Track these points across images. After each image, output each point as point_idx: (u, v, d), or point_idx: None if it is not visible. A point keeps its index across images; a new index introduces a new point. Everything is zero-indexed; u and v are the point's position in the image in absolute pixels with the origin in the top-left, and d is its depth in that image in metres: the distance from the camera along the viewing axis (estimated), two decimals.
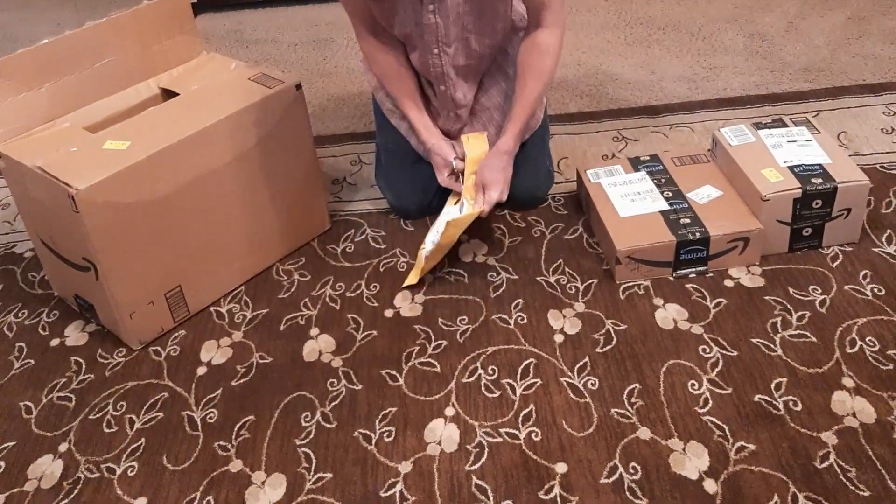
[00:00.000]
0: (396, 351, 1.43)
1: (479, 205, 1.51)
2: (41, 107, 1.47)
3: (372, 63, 1.61)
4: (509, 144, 1.53)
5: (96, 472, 1.28)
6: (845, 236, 1.53)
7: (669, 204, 1.55)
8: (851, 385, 1.28)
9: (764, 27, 2.38)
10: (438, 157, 1.58)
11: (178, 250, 1.48)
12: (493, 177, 1.52)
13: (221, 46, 2.63)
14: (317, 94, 2.27)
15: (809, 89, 2.05)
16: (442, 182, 1.59)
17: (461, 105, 1.61)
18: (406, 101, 1.60)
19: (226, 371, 1.43)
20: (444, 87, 1.57)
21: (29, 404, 1.41)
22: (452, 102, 1.60)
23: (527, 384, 1.33)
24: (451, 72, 1.54)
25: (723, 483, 1.16)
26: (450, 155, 1.57)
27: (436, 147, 1.58)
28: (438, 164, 1.59)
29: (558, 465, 1.21)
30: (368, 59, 1.61)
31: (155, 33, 1.60)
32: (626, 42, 2.39)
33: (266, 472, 1.25)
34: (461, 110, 1.62)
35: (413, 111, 1.60)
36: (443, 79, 1.55)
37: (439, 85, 1.57)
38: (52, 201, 1.37)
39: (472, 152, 1.58)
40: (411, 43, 1.54)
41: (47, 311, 1.61)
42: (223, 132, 1.46)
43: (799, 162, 1.53)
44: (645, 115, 2.02)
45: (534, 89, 1.52)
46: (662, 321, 1.42)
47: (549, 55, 1.51)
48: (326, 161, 1.97)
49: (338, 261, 1.65)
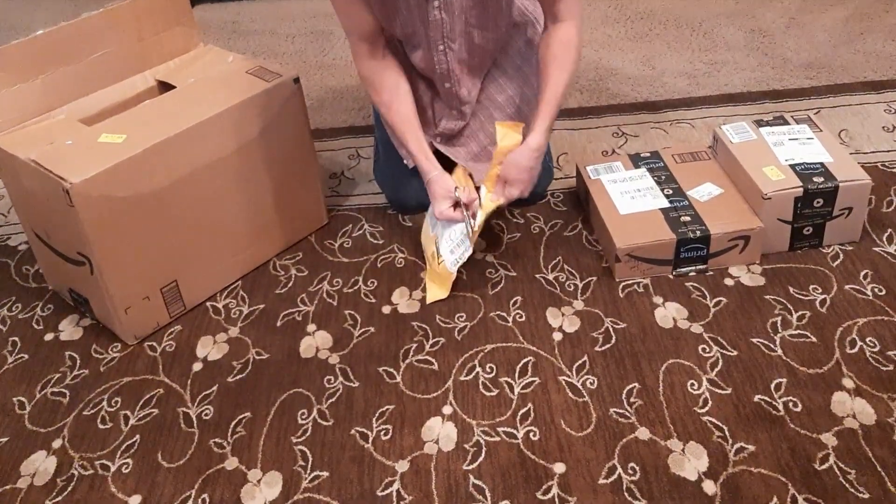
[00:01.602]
0: (394, 348, 1.42)
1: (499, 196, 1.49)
2: (36, 98, 1.45)
3: (370, 89, 1.56)
4: (539, 141, 1.48)
5: (90, 469, 1.27)
6: (846, 235, 1.53)
7: (670, 201, 1.54)
8: (851, 386, 1.27)
9: (765, 23, 2.37)
10: (439, 188, 1.50)
11: (174, 245, 1.46)
12: (518, 175, 1.47)
13: (219, 37, 2.61)
14: (315, 87, 2.26)
15: (810, 86, 2.04)
16: (439, 215, 1.50)
17: (465, 102, 1.59)
18: (402, 130, 1.54)
19: (222, 367, 1.42)
20: (449, 84, 1.55)
21: (22, 399, 1.40)
22: (457, 99, 1.58)
23: (525, 383, 1.33)
24: (455, 68, 1.53)
25: (722, 484, 1.15)
26: (452, 186, 1.50)
27: (438, 178, 1.51)
28: (438, 195, 1.50)
29: (556, 465, 1.20)
30: (367, 84, 1.56)
31: (152, 24, 1.58)
32: (627, 37, 2.37)
33: (262, 470, 1.24)
34: (465, 107, 1.60)
35: (410, 142, 1.53)
36: (448, 76, 1.54)
37: (444, 83, 1.55)
38: (47, 195, 1.35)
39: (504, 142, 1.50)
40: (414, 42, 1.52)
41: (41, 304, 1.60)
42: (220, 126, 1.45)
43: (800, 160, 1.52)
44: (645, 110, 2.01)
45: (559, 82, 1.49)
46: (662, 320, 1.41)
47: (572, 47, 1.49)
48: (324, 155, 1.95)
49: (335, 256, 1.64)
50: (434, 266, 1.52)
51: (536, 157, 1.48)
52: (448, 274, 1.49)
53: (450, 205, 1.50)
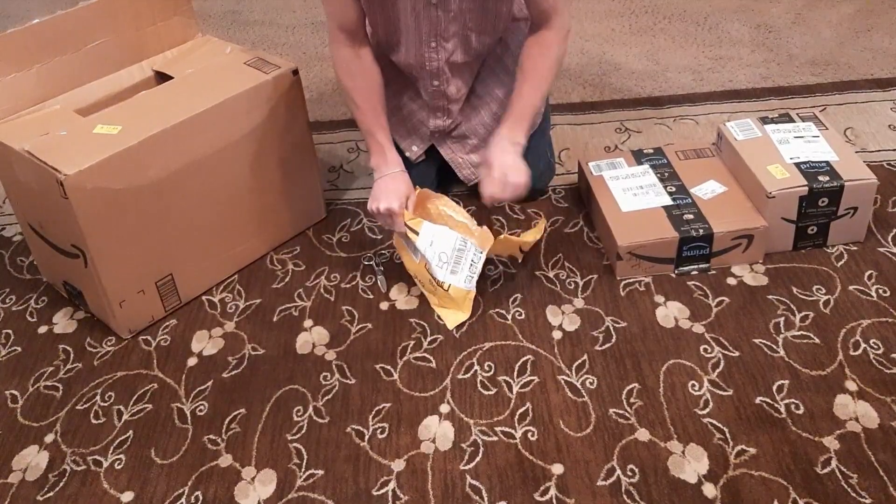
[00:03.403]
0: (391, 345, 1.40)
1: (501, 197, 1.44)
2: (31, 88, 1.43)
3: (344, 74, 1.51)
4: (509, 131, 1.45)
5: (82, 464, 1.25)
6: (851, 235, 1.51)
7: (673, 199, 1.52)
8: (854, 389, 1.25)
9: (771, 18, 2.35)
10: (395, 185, 1.45)
11: (170, 238, 1.44)
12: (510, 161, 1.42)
13: (218, 28, 2.58)
14: (314, 79, 2.24)
15: (816, 83, 2.02)
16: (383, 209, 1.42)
17: (453, 100, 1.57)
18: (374, 120, 1.50)
19: (217, 362, 1.40)
20: (438, 81, 1.53)
21: (15, 393, 1.38)
22: (444, 98, 1.56)
23: (523, 382, 1.31)
24: (446, 68, 1.51)
25: (722, 487, 1.13)
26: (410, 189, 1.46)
27: (397, 175, 1.46)
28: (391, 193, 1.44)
29: (554, 465, 1.18)
30: (341, 70, 1.51)
31: (149, 14, 1.56)
32: (631, 31, 2.35)
33: (256, 468, 1.22)
34: (452, 105, 1.58)
35: (380, 132, 1.50)
36: (437, 74, 1.52)
37: (433, 80, 1.53)
38: (41, 186, 1.33)
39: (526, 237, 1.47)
40: (399, 38, 1.49)
41: (35, 297, 1.58)
42: (217, 118, 1.43)
43: (806, 159, 1.50)
44: (649, 106, 1.99)
45: (533, 98, 1.46)
46: (663, 319, 1.40)
47: (551, 56, 1.46)
48: (323, 148, 1.93)
49: (333, 251, 1.62)
50: (440, 293, 1.42)
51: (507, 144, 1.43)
52: (464, 293, 1.41)
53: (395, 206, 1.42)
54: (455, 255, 1.42)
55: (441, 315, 1.44)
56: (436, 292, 1.44)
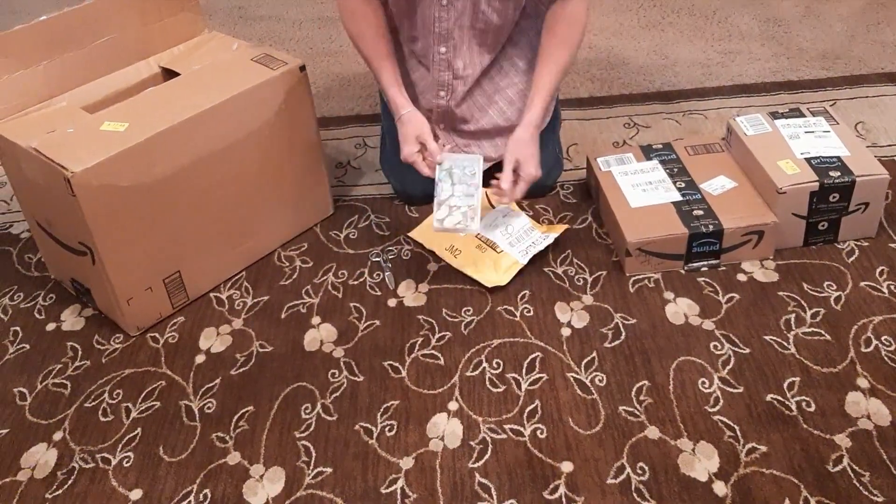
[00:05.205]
0: (399, 342, 1.39)
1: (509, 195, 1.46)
2: (38, 85, 1.43)
3: (349, 19, 1.53)
4: (537, 117, 1.48)
5: (91, 462, 1.25)
6: (862, 231, 1.49)
7: (682, 195, 1.51)
8: (866, 386, 1.24)
9: (780, 12, 2.33)
10: (412, 128, 1.48)
11: (177, 235, 1.44)
12: (527, 150, 1.46)
13: (225, 23, 2.58)
14: (321, 74, 2.23)
15: (826, 77, 2.00)
16: (406, 156, 1.47)
17: (459, 76, 1.56)
18: (382, 63, 1.52)
19: (225, 359, 1.40)
20: (446, 48, 1.52)
21: (23, 390, 1.38)
22: (451, 71, 1.55)
23: (532, 379, 1.30)
24: (456, 33, 1.50)
25: (733, 485, 1.13)
26: (425, 127, 1.48)
27: (411, 116, 1.49)
28: (409, 135, 1.48)
29: (564, 463, 1.18)
30: (346, 14, 1.53)
31: (156, 10, 1.56)
32: (639, 25, 2.33)
33: (265, 466, 1.22)
34: (458, 82, 1.57)
35: (387, 74, 1.52)
36: (447, 37, 1.51)
37: (440, 45, 1.52)
38: (48, 183, 1.33)
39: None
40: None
41: (43, 294, 1.58)
42: (224, 114, 1.42)
43: (816, 154, 1.49)
44: (657, 100, 1.98)
45: (560, 60, 1.48)
46: (673, 316, 1.39)
47: (579, 25, 1.48)
48: (330, 144, 1.93)
49: (341, 247, 1.62)
50: (484, 255, 1.49)
51: (534, 132, 1.48)
52: (513, 261, 1.48)
53: (418, 149, 1.48)
54: (519, 234, 1.50)
55: (477, 270, 1.48)
56: (483, 253, 1.49)
